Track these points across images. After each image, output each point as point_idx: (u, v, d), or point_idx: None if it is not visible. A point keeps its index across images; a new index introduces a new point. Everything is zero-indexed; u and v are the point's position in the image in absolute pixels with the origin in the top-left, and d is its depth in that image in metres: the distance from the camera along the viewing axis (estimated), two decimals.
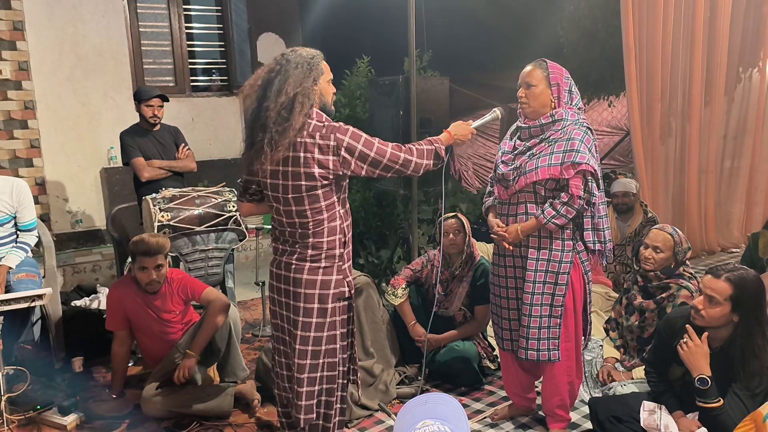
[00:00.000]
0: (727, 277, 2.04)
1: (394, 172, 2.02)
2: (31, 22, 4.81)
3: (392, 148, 2.00)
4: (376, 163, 1.97)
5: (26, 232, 3.25)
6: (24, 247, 3.22)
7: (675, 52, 4.84)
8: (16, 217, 3.21)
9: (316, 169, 1.93)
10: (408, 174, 2.04)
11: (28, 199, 3.23)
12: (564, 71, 2.38)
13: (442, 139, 2.13)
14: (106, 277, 4.73)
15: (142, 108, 3.85)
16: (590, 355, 3.04)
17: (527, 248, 2.40)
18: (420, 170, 2.06)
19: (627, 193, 4.00)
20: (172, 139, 3.99)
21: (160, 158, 3.88)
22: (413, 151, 2.03)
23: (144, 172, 3.78)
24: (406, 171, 2.03)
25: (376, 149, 1.97)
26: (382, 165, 1.98)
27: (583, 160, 2.26)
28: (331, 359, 2.08)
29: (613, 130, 7.86)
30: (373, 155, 1.96)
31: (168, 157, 3.92)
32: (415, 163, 2.02)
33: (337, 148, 1.92)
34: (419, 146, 2.06)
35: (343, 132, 1.94)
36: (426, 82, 3.79)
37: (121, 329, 2.89)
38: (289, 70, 1.93)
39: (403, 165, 2.01)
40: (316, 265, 2.02)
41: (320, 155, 1.92)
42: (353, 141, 1.94)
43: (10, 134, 4.79)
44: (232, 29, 5.92)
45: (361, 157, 1.95)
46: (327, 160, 1.92)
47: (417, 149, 2.05)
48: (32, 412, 2.81)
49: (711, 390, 2.00)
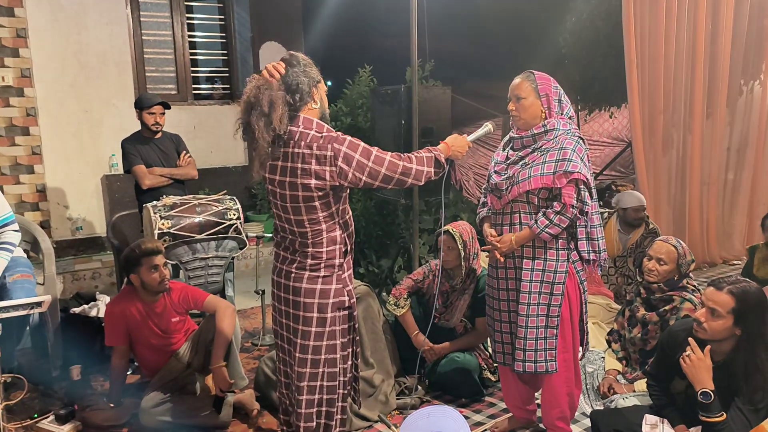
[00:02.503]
0: (730, 289, 2.02)
1: (396, 183, 1.97)
2: (35, 29, 4.83)
3: (391, 157, 1.95)
4: (374, 173, 1.92)
5: (3, 228, 2.99)
6: (7, 248, 2.98)
7: (677, 64, 4.85)
8: None
9: (313, 180, 1.91)
10: (410, 184, 1.99)
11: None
12: (552, 81, 2.38)
13: (440, 149, 2.11)
14: (105, 284, 4.71)
15: (144, 115, 3.85)
16: (592, 367, 3.02)
17: (521, 259, 2.39)
18: (422, 178, 2.00)
19: (641, 207, 3.95)
20: (174, 147, 3.99)
21: (161, 166, 3.88)
22: (412, 159, 1.99)
23: (145, 180, 3.78)
24: (407, 180, 1.97)
25: (374, 159, 1.92)
26: (381, 175, 1.93)
27: (575, 169, 2.25)
28: (331, 369, 2.06)
29: (614, 141, 7.88)
30: (371, 165, 1.91)
31: (169, 165, 3.92)
32: (416, 171, 1.97)
33: (334, 158, 1.89)
34: (418, 154, 2.03)
35: (340, 142, 1.91)
36: (428, 92, 3.79)
37: (121, 344, 2.87)
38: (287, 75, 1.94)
39: (404, 173, 1.96)
40: (315, 274, 2.00)
41: (317, 166, 1.89)
42: (350, 150, 1.90)
43: (11, 141, 4.79)
44: (234, 38, 5.95)
45: (359, 167, 1.90)
46: (324, 171, 1.89)
47: (416, 157, 2.00)
48: (29, 421, 2.79)
49: (714, 404, 1.98)
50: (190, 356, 2.87)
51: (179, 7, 5.62)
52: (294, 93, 1.92)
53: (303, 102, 1.94)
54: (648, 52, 4.71)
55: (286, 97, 1.91)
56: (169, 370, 2.83)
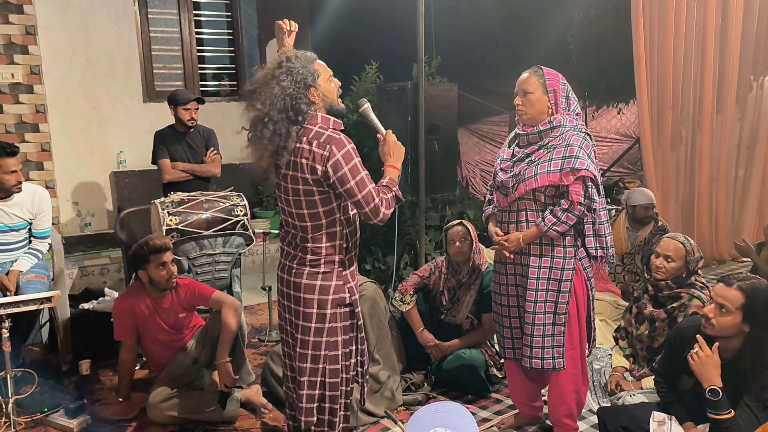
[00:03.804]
0: (739, 285, 2.01)
1: (362, 215, 1.97)
2: (44, 26, 4.85)
3: (372, 189, 1.94)
4: (351, 192, 1.91)
5: (39, 239, 3.31)
6: (36, 254, 3.27)
7: (686, 60, 4.81)
8: (31, 224, 3.25)
9: (310, 175, 1.92)
10: (369, 221, 1.97)
11: (47, 209, 3.31)
12: (560, 77, 2.37)
13: (394, 178, 2.06)
14: (114, 280, 4.74)
15: (179, 111, 3.91)
16: (599, 364, 3.01)
17: (528, 256, 2.38)
18: (383, 222, 1.99)
19: (650, 205, 3.92)
20: (203, 142, 4.06)
21: (186, 160, 3.96)
22: (383, 202, 1.96)
23: (165, 175, 3.89)
24: (373, 219, 1.95)
25: (359, 180, 1.91)
26: (355, 199, 1.93)
27: (582, 166, 2.24)
28: (333, 366, 2.06)
29: (621, 137, 7.83)
30: (352, 184, 1.91)
31: (195, 160, 3.99)
32: (383, 215, 1.96)
33: (327, 159, 1.90)
34: (386, 196, 1.99)
35: (339, 147, 1.90)
36: (434, 89, 3.79)
37: (129, 338, 2.89)
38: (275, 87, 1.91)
39: (372, 211, 1.94)
40: (315, 270, 2.01)
41: (313, 162, 1.91)
42: (343, 161, 1.90)
43: (21, 138, 4.82)
44: (241, 35, 5.96)
45: (341, 179, 1.90)
46: (317, 168, 1.91)
47: (386, 200, 1.98)
48: (39, 415, 2.82)
49: (722, 401, 1.97)
50: (197, 351, 2.89)
51: (186, 4, 5.64)
52: (287, 112, 1.91)
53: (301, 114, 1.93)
54: (657, 47, 4.67)
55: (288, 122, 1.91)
56: (177, 365, 2.85)
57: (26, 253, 3.23)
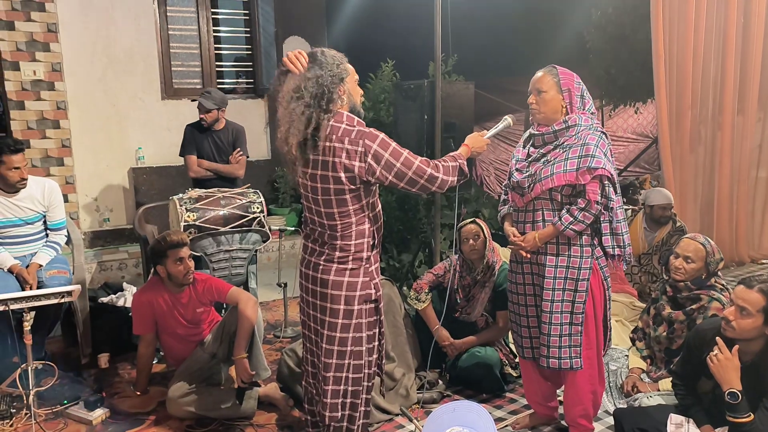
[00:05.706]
0: (761, 288, 1.99)
1: (420, 188, 2.01)
2: (65, 24, 4.92)
3: (419, 162, 1.98)
4: (401, 174, 1.95)
5: (55, 231, 3.36)
6: (54, 246, 3.32)
7: (706, 59, 4.74)
8: (46, 216, 3.30)
9: (343, 174, 1.93)
10: (433, 190, 2.03)
11: (58, 200, 3.34)
12: (575, 76, 2.35)
13: (462, 153, 2.14)
14: (132, 275, 4.81)
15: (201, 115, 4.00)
16: (615, 365, 2.99)
17: (545, 255, 2.37)
18: (445, 187, 2.05)
19: (668, 205, 3.89)
20: (231, 141, 4.10)
21: (212, 158, 4.04)
22: (439, 167, 2.02)
23: (190, 172, 4.00)
24: (432, 187, 2.01)
25: (404, 160, 1.95)
26: (407, 178, 1.96)
27: (599, 164, 2.23)
28: (357, 361, 2.08)
29: (638, 137, 7.74)
30: (399, 166, 1.94)
31: (221, 158, 4.06)
32: (441, 180, 2.01)
33: (365, 154, 1.92)
34: (444, 163, 2.05)
35: (372, 138, 1.94)
36: (451, 87, 3.77)
37: (148, 332, 2.93)
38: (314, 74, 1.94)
39: (429, 181, 1.99)
40: (343, 267, 2.03)
41: (347, 160, 1.92)
42: (381, 149, 1.93)
43: (42, 134, 4.91)
44: (259, 32, 5.99)
45: (387, 166, 1.93)
46: (353, 166, 1.92)
47: (443, 166, 2.03)
48: (59, 407, 2.87)
49: (741, 404, 1.95)
50: (214, 346, 2.91)
51: (205, 2, 5.68)
52: (320, 99, 1.93)
53: (333, 104, 1.96)
54: (676, 46, 4.61)
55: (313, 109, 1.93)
56: (195, 359, 2.88)
57: (45, 246, 3.29)
